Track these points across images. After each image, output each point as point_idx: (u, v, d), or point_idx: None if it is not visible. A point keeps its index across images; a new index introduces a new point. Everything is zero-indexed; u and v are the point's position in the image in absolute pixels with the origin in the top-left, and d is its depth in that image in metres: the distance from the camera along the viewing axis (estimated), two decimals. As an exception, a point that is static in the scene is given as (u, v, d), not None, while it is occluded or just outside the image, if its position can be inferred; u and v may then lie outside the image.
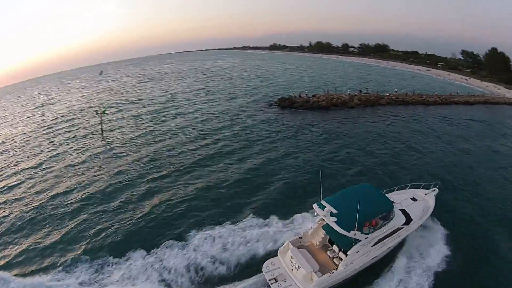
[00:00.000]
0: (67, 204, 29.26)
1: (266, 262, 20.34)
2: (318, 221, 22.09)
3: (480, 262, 22.07)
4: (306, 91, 73.14)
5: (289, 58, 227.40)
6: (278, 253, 20.60)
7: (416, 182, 27.93)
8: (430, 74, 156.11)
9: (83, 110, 70.02)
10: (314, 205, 20.60)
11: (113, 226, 25.38)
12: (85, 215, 27.13)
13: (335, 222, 19.27)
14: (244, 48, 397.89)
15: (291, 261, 19.63)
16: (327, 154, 40.31)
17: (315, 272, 18.85)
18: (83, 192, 31.20)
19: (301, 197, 28.42)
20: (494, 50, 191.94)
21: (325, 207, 20.14)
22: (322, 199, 20.85)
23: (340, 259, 19.85)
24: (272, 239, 22.81)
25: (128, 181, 33.17)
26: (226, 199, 28.89)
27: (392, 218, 21.38)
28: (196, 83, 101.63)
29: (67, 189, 32.14)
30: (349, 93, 74.10)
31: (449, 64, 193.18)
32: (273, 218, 25.02)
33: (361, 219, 18.79)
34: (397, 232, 21.46)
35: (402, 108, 70.45)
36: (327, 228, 20.70)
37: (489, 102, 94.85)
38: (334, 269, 19.38)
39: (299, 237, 21.54)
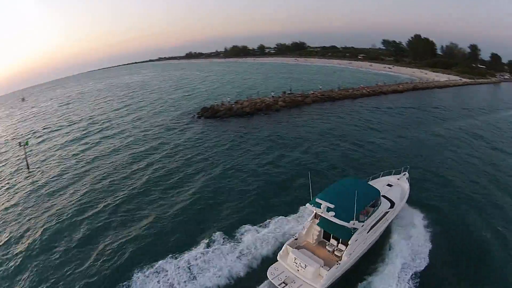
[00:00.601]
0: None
1: (269, 269, 20.93)
2: (310, 220, 23.43)
3: (452, 228, 26.41)
4: (228, 98, 70.67)
5: (206, 65, 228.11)
6: (278, 258, 21.46)
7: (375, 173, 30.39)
8: (352, 66, 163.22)
9: (7, 142, 63.10)
10: (308, 205, 22.41)
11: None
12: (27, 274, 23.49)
13: (334, 216, 21.07)
14: (160, 59, 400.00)
15: (295, 262, 20.66)
16: (272, 161, 39.71)
17: (322, 267, 20.25)
18: (21, 242, 27.55)
19: (263, 207, 28.87)
20: (417, 36, 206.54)
21: (321, 204, 21.79)
22: (312, 198, 22.51)
23: (341, 250, 21.54)
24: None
25: (64, 222, 29.72)
26: (185, 224, 27.40)
27: (380, 204, 24.23)
28: (116, 101, 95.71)
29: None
30: (273, 96, 72.17)
31: (370, 55, 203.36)
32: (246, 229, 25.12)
33: (358, 209, 21.06)
34: (385, 216, 24.45)
35: (329, 105, 70.77)
36: (323, 223, 22.31)
37: (419, 88, 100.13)
38: (338, 261, 20.85)
39: (295, 239, 22.65)
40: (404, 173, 30.37)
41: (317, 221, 22.84)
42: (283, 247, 21.73)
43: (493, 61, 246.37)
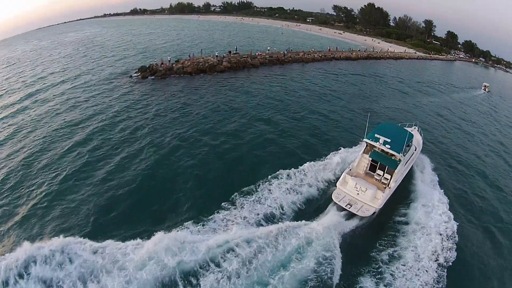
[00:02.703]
0: None
1: (333, 194, 29.04)
2: (361, 154, 32.89)
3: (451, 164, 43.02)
4: (169, 57, 72.64)
5: (151, 22, 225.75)
6: (338, 185, 29.86)
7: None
8: (300, 29, 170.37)
9: None
10: (365, 139, 32.03)
11: None
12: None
13: (390, 148, 30.84)
14: (105, 15, 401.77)
15: (355, 187, 29.23)
16: (229, 132, 41.25)
17: (378, 190, 29.21)
18: None
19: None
20: (371, 5, 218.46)
21: (379, 138, 31.37)
22: (366, 136, 32.18)
23: (386, 179, 30.89)
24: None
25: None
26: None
27: (411, 144, 35.07)
28: (58, 62, 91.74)
29: None
30: (217, 55, 75.52)
31: (320, 19, 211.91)
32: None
33: (405, 144, 31.10)
34: (412, 156, 34.87)
35: (279, 68, 75.91)
36: (376, 155, 31.66)
37: (373, 57, 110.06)
38: (385, 186, 30.19)
39: (350, 169, 31.57)
40: (415, 126, 41.53)
41: (366, 155, 32.46)
42: (342, 176, 30.60)
43: (449, 38, 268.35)
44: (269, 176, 30.87)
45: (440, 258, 24.82)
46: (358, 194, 29.14)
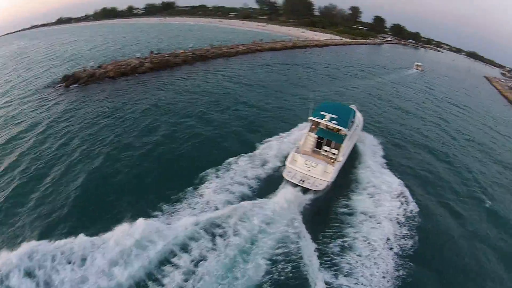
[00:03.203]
0: None
1: (283, 173, 31.28)
2: (306, 132, 35.79)
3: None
4: (92, 62, 72.84)
5: (77, 29, 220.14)
6: (287, 164, 32.09)
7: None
8: (223, 25, 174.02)
9: None
10: (311, 117, 35.06)
11: None
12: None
13: (336, 124, 34.10)
14: (33, 27, 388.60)
15: (305, 164, 31.62)
16: (162, 134, 41.52)
17: (328, 165, 32.03)
18: None
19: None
20: None
21: (325, 115, 34.68)
22: (311, 114, 35.18)
23: (333, 153, 34.15)
24: None
25: None
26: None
27: (355, 120, 39.15)
28: None
29: None
30: (139, 57, 76.87)
31: (243, 14, 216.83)
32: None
33: (349, 119, 35.53)
34: (356, 131, 39.19)
35: (202, 65, 78.14)
36: (322, 132, 35.09)
37: (298, 46, 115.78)
38: (334, 161, 33.21)
39: (297, 148, 34.09)
40: (353, 105, 43.73)
41: (312, 133, 35.45)
42: (290, 155, 33.00)
43: (376, 23, 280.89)
44: (213, 169, 32.19)
45: (400, 235, 27.06)
46: (309, 170, 31.52)
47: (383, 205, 30.14)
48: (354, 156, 38.35)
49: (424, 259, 25.91)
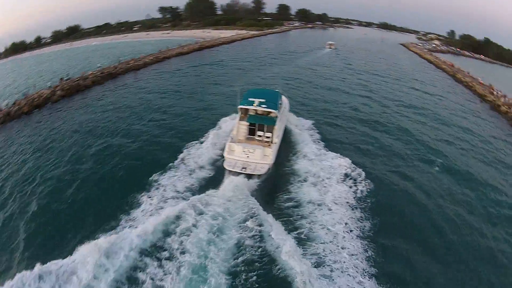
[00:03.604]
0: None
1: (224, 164, 32.43)
2: (237, 122, 37.23)
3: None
4: (6, 101, 67.89)
5: None
6: (225, 155, 33.25)
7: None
8: (128, 39, 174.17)
9: None
10: (240, 106, 37.30)
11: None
12: None
13: (266, 107, 36.68)
14: None
15: (243, 151, 32.88)
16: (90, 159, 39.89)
17: (266, 148, 33.56)
18: None
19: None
20: None
21: (254, 101, 37.16)
22: (240, 103, 37.59)
23: (268, 137, 35.76)
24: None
25: None
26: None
27: (282, 102, 42.40)
28: None
29: None
30: (50, 86, 75.24)
31: (147, 25, 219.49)
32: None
33: (277, 101, 38.39)
34: (284, 112, 42.17)
35: (112, 82, 78.49)
36: (253, 118, 36.84)
37: (205, 46, 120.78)
38: (270, 143, 35.05)
39: (231, 138, 35.37)
40: (277, 90, 45.18)
41: (243, 121, 36.89)
42: (226, 146, 33.94)
43: (281, 11, 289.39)
44: (153, 176, 32.03)
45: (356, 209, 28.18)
46: (248, 156, 32.66)
47: (330, 190, 30.32)
48: (291, 145, 39.31)
49: (388, 230, 26.81)
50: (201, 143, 39.39)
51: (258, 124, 36.73)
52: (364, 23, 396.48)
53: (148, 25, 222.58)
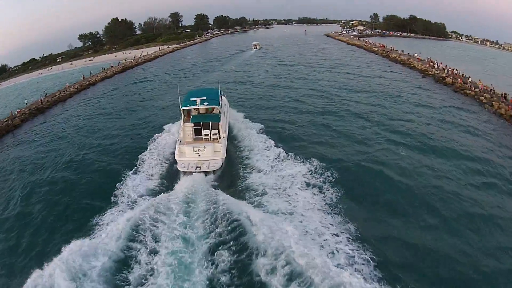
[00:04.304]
0: None
1: (177, 166, 33.22)
2: (182, 125, 37.47)
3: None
4: None
5: None
6: (177, 158, 33.74)
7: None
8: (53, 72, 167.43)
9: None
10: (182, 108, 37.67)
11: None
12: None
13: (208, 104, 37.83)
14: None
15: (194, 151, 33.38)
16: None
17: (215, 144, 34.28)
18: None
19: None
20: (114, 20, 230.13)
21: (195, 100, 37.69)
22: (181, 105, 38.05)
23: (215, 134, 36.33)
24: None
25: None
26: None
27: (223, 98, 43.15)
28: None
29: None
30: None
31: (70, 54, 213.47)
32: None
33: (218, 97, 39.79)
34: (226, 108, 43.86)
35: (42, 118, 74.53)
36: (197, 118, 37.75)
37: (128, 67, 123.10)
38: (218, 139, 35.76)
39: (179, 141, 35.28)
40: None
41: (188, 123, 37.38)
42: (176, 149, 34.22)
43: (199, 21, 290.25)
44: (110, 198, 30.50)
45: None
46: (199, 155, 33.26)
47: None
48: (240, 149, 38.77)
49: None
50: (144, 157, 38.01)
51: (203, 123, 37.06)
52: (283, 21, 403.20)
53: (71, 54, 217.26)
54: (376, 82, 76.14)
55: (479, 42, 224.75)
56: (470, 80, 73.06)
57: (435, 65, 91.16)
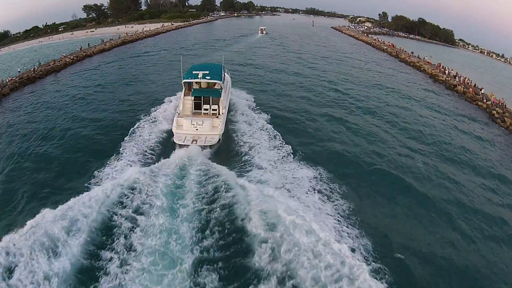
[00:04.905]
0: None
1: (174, 138, 32.52)
2: (183, 97, 37.33)
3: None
4: None
5: None
6: (174, 130, 33.29)
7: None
8: (53, 41, 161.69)
9: None
10: (184, 80, 37.70)
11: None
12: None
13: (210, 78, 37.14)
14: None
15: (192, 124, 32.82)
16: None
17: (214, 119, 33.87)
18: None
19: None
20: None
21: (198, 74, 37.07)
22: (183, 77, 38.22)
23: (214, 110, 35.65)
24: None
25: None
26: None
27: (225, 75, 42.79)
28: None
29: None
30: None
31: (71, 25, 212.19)
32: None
33: (221, 72, 39.36)
34: (229, 84, 43.88)
35: (32, 87, 70.93)
36: (198, 92, 36.91)
37: (128, 41, 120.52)
38: (218, 115, 35.15)
39: (178, 113, 35.18)
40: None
41: (188, 96, 36.91)
42: (174, 120, 34.11)
43: (206, 1, 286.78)
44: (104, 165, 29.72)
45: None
46: (197, 129, 32.79)
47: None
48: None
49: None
50: (143, 124, 38.35)
51: (203, 98, 36.41)
52: (291, 10, 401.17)
53: (73, 25, 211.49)
54: (387, 81, 74.28)
55: (486, 53, 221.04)
56: (482, 92, 70.66)
57: (446, 71, 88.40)
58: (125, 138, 34.58)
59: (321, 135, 40.67)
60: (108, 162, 30.02)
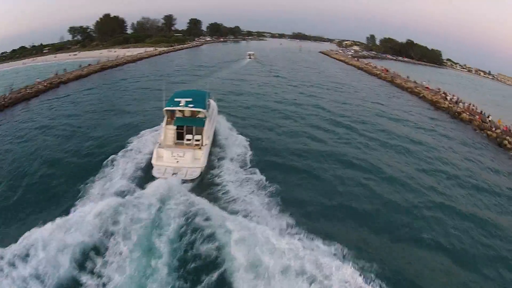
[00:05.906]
0: None
1: (153, 172, 30.18)
2: (164, 126, 34.68)
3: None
4: None
5: None
6: (153, 162, 31.06)
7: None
8: (36, 63, 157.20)
9: None
10: (165, 108, 35.24)
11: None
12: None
13: (193, 106, 34.90)
14: None
15: (173, 156, 30.78)
16: None
17: (196, 151, 31.73)
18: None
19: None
20: (106, 15, 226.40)
21: (180, 101, 34.87)
22: (165, 105, 35.81)
23: (197, 140, 33.60)
24: None
25: None
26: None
27: (210, 102, 40.91)
28: None
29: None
30: None
31: (56, 46, 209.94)
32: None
33: (205, 100, 36.88)
34: (214, 113, 40.81)
35: (2, 115, 64.07)
36: (180, 121, 35.00)
37: (108, 66, 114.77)
38: (200, 146, 32.84)
39: (159, 144, 32.94)
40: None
41: (170, 125, 34.61)
42: (154, 152, 31.66)
43: (192, 26, 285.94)
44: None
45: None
46: (178, 161, 30.69)
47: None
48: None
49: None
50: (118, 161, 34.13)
51: (186, 127, 34.68)
52: (277, 34, 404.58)
53: (58, 47, 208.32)
54: (387, 111, 70.56)
55: (473, 72, 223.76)
56: (489, 119, 67.29)
57: (448, 97, 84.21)
58: (96, 175, 31.15)
59: (319, 183, 35.26)
60: (75, 203, 27.01)
